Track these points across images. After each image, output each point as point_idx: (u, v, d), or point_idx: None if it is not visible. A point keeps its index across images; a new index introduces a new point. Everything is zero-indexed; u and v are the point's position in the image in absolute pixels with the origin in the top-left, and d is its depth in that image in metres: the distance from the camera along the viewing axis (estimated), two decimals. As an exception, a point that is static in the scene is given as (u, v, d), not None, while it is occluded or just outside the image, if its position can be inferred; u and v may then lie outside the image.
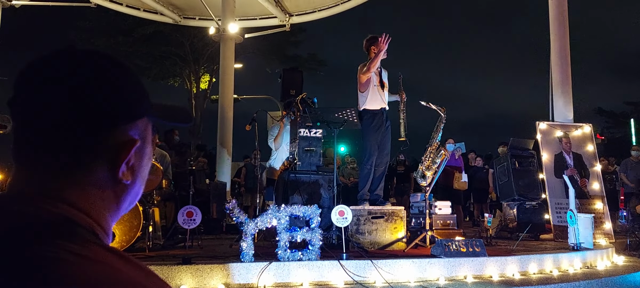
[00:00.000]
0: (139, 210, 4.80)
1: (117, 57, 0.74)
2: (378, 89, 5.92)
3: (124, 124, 0.71)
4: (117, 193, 0.73)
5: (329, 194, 5.51)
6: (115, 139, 0.70)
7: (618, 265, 6.28)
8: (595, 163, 8.31)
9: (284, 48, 26.03)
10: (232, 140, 11.14)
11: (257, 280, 3.92)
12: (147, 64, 24.99)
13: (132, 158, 0.72)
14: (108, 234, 0.72)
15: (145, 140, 0.75)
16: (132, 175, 0.73)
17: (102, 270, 0.59)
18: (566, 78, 8.78)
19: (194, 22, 13.24)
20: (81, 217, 0.66)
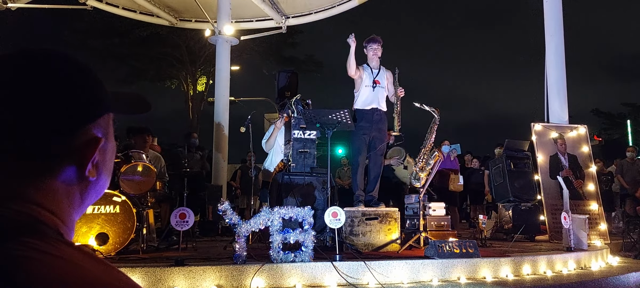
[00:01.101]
0: (132, 212, 4.79)
1: (74, 56, 0.73)
2: (370, 89, 5.93)
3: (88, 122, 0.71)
4: (83, 190, 0.73)
5: (323, 196, 5.51)
6: (80, 139, 0.70)
7: (613, 266, 6.29)
8: (590, 165, 8.33)
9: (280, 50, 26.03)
10: (228, 142, 11.11)
11: (250, 282, 3.92)
12: (143, 65, 24.98)
13: (97, 156, 0.73)
14: (72, 230, 0.72)
15: (108, 135, 0.76)
16: (97, 172, 0.74)
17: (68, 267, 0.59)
18: (561, 79, 8.80)
19: (190, 25, 13.21)
20: (47, 216, 0.67)
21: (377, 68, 6.05)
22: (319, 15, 12.82)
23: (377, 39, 6.09)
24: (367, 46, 6.07)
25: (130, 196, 5.04)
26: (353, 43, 5.83)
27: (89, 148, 0.71)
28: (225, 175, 11.25)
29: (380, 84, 5.99)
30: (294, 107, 5.84)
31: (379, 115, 5.95)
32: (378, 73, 6.02)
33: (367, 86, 5.96)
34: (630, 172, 9.62)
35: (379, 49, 6.05)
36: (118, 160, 5.25)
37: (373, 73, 6.01)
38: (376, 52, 6.01)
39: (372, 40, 6.06)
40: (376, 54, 6.02)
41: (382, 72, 6.06)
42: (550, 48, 8.90)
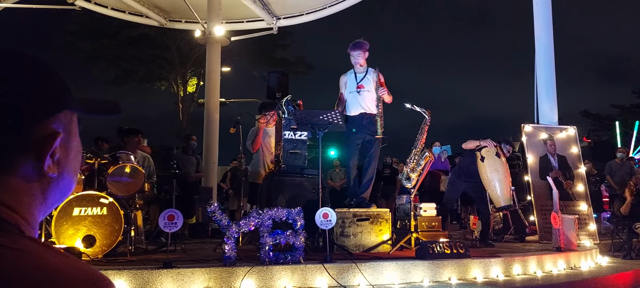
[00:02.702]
0: (120, 214, 4.73)
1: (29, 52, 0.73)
2: (355, 95, 5.91)
3: (45, 118, 0.70)
4: (44, 187, 0.72)
5: (314, 197, 5.47)
6: (37, 133, 0.69)
7: (602, 266, 6.31)
8: (579, 165, 8.37)
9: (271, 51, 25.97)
10: (218, 143, 11.05)
11: (240, 284, 3.88)
12: (132, 67, 24.80)
13: (57, 152, 0.72)
14: (35, 228, 0.72)
15: (70, 133, 0.75)
16: (58, 169, 0.73)
17: (28, 258, 0.60)
18: (551, 81, 8.85)
19: (180, 25, 13.12)
20: (6, 212, 0.66)
21: (363, 72, 6.00)
22: (309, 17, 12.80)
23: (359, 45, 5.99)
24: (351, 52, 6.02)
25: (118, 198, 4.98)
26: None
27: (46, 143, 0.70)
28: (216, 176, 11.19)
29: (365, 87, 5.93)
30: (284, 108, 5.80)
31: (368, 118, 5.91)
32: (363, 77, 5.97)
33: (351, 92, 5.96)
34: (619, 173, 9.68)
35: (360, 55, 5.96)
36: (105, 161, 5.20)
37: (357, 78, 5.97)
38: (357, 59, 5.96)
39: (353, 47, 5.99)
40: (357, 61, 5.97)
41: (368, 75, 5.98)
42: (540, 50, 8.94)
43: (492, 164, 6.43)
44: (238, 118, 6.37)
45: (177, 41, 22.85)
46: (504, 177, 6.41)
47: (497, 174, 6.39)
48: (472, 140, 6.75)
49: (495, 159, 6.44)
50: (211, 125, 11.00)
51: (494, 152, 6.46)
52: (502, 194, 6.39)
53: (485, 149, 6.47)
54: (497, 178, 6.39)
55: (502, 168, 6.43)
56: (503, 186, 6.38)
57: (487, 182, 6.47)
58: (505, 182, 6.41)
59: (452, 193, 7.17)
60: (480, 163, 6.50)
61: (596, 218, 9.29)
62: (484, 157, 6.45)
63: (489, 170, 6.43)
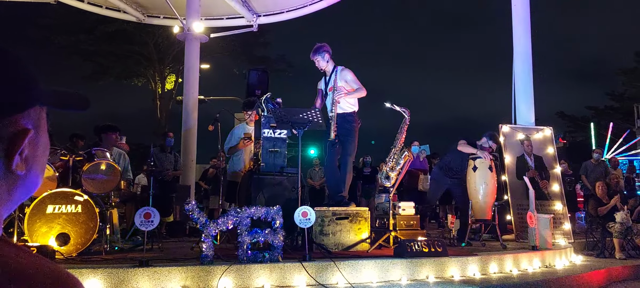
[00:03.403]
0: (95, 212, 4.65)
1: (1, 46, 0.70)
2: (327, 98, 5.89)
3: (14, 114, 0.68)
4: (10, 184, 0.70)
5: (293, 196, 5.45)
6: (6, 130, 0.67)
7: (576, 264, 6.43)
8: (555, 165, 8.51)
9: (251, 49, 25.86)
10: (196, 141, 10.95)
11: (217, 283, 3.84)
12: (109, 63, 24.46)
13: (26, 149, 0.69)
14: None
15: (39, 129, 0.73)
16: (26, 166, 0.70)
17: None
18: (528, 82, 8.98)
19: (158, 21, 12.96)
20: None
21: (329, 73, 5.95)
22: (290, 14, 12.77)
23: (316, 50, 5.90)
24: (312, 58, 5.97)
25: (93, 195, 4.90)
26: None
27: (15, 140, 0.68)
28: (194, 175, 11.09)
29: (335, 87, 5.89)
30: (264, 106, 5.76)
31: (342, 118, 5.88)
32: (330, 78, 5.93)
33: (325, 95, 5.95)
34: (594, 174, 9.87)
35: (318, 60, 5.87)
36: (80, 158, 5.10)
37: (326, 79, 5.96)
38: (318, 64, 5.91)
39: (312, 53, 5.89)
40: (319, 65, 5.93)
41: (336, 73, 5.92)
42: (518, 52, 9.06)
43: (482, 176, 6.49)
44: (217, 116, 6.31)
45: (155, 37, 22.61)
46: (490, 191, 6.47)
47: (484, 187, 6.46)
48: (469, 146, 6.78)
49: (487, 171, 6.51)
50: (190, 122, 10.90)
51: (487, 164, 6.52)
52: (483, 207, 6.45)
53: (480, 160, 6.53)
54: (483, 191, 6.45)
55: (491, 182, 6.49)
56: (487, 200, 6.45)
57: (473, 192, 6.52)
58: (490, 196, 6.47)
59: (437, 189, 7.17)
60: (472, 172, 6.56)
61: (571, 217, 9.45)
62: (477, 167, 6.51)
63: (479, 181, 6.49)
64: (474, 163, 6.52)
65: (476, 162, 6.51)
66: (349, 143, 5.85)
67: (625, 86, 31.00)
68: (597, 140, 24.15)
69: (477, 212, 6.51)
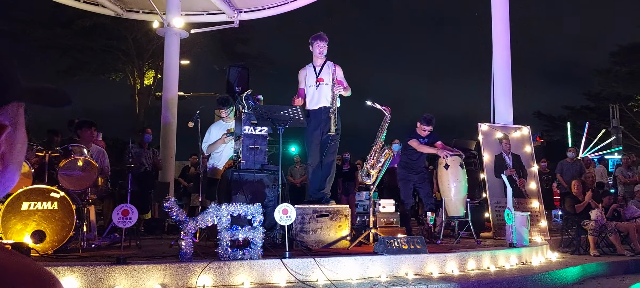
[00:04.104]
0: (71, 209, 4.57)
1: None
2: (314, 89, 5.88)
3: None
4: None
5: (273, 193, 5.44)
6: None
7: (552, 261, 6.54)
8: (532, 164, 8.64)
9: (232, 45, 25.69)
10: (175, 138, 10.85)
11: (196, 280, 3.81)
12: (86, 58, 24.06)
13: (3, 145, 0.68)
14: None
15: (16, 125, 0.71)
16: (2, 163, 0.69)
17: None
18: (507, 82, 9.09)
19: (137, 16, 12.77)
20: None
21: (320, 66, 5.97)
22: (271, 11, 12.72)
23: (323, 37, 5.97)
24: (313, 43, 5.96)
25: (70, 192, 4.82)
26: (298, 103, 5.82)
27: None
28: (173, 171, 10.99)
29: (324, 81, 5.89)
30: (244, 103, 5.73)
31: (327, 113, 5.89)
32: (320, 70, 5.94)
33: (311, 86, 5.90)
34: (570, 172, 10.05)
35: (325, 46, 5.93)
36: (57, 154, 5.01)
37: (316, 71, 5.94)
38: (322, 49, 5.91)
39: (318, 38, 5.94)
40: (322, 51, 5.92)
41: (326, 68, 5.94)
42: (497, 52, 9.17)
43: (455, 174, 6.55)
44: (197, 112, 6.25)
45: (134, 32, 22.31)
46: (462, 187, 6.53)
47: (457, 184, 6.52)
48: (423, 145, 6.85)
49: (459, 169, 6.57)
50: (169, 119, 10.79)
51: (459, 161, 6.58)
52: (456, 205, 6.51)
53: (451, 158, 6.59)
54: (455, 188, 6.50)
55: (463, 180, 6.56)
56: (459, 197, 6.51)
57: (446, 190, 6.57)
58: (462, 194, 6.54)
59: (407, 189, 7.21)
60: (444, 170, 6.61)
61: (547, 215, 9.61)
62: (449, 165, 6.56)
63: (452, 178, 6.54)
64: (445, 162, 6.58)
65: (447, 160, 6.57)
66: (338, 140, 5.89)
67: (601, 86, 31.63)
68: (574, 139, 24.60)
69: (450, 210, 6.57)
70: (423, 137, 6.97)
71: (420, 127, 6.98)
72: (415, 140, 6.96)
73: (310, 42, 5.97)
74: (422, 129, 6.95)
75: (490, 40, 9.28)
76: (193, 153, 11.37)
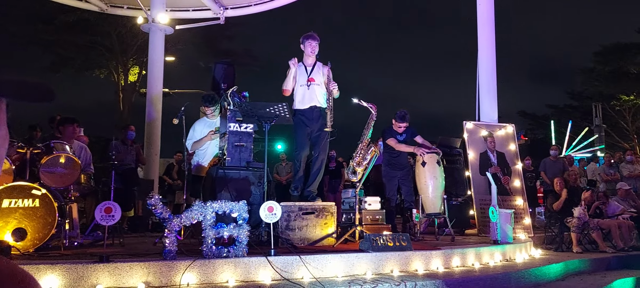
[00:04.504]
0: (53, 206, 4.51)
1: None
2: (305, 88, 5.88)
3: None
4: None
5: (259, 191, 5.41)
6: None
7: (535, 258, 6.61)
8: (516, 162, 8.71)
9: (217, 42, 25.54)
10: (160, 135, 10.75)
11: (180, 278, 3.77)
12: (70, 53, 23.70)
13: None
14: None
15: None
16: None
17: None
18: (492, 81, 9.16)
19: (122, 11, 12.61)
20: None
21: (312, 65, 5.98)
22: (257, 8, 12.67)
23: (315, 36, 6.01)
24: (304, 42, 5.98)
25: (52, 189, 4.74)
26: (293, 66, 5.82)
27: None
28: (157, 169, 10.89)
29: (315, 81, 5.91)
30: (230, 100, 5.69)
31: (318, 112, 5.90)
32: (312, 70, 5.95)
33: (302, 85, 5.90)
34: (553, 169, 10.16)
35: (316, 46, 5.97)
36: (38, 150, 4.93)
37: (307, 71, 5.94)
38: (314, 48, 5.95)
39: (311, 37, 5.98)
40: (314, 50, 5.95)
41: (317, 69, 5.97)
42: (482, 51, 9.23)
43: (432, 171, 6.57)
44: (182, 109, 6.19)
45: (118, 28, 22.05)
46: (439, 185, 6.56)
47: (434, 181, 6.54)
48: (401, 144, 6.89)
49: (435, 166, 6.59)
50: (153, 116, 10.69)
51: (436, 159, 6.61)
52: (434, 202, 6.54)
53: (428, 155, 6.61)
54: (432, 185, 6.53)
55: (440, 177, 6.58)
56: (437, 194, 6.54)
57: (423, 187, 6.59)
58: (439, 191, 6.57)
59: (392, 185, 7.22)
60: (421, 167, 6.63)
61: (531, 212, 9.72)
62: (426, 162, 6.59)
63: (429, 176, 6.56)
64: (422, 159, 6.61)
65: (425, 158, 6.60)
66: (326, 139, 5.90)
67: (584, 85, 32.03)
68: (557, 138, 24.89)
69: (427, 207, 6.60)
70: (400, 133, 7.01)
71: (395, 124, 7.03)
72: (393, 138, 7.00)
73: (302, 41, 5.97)
74: (397, 126, 7.00)
75: (475, 39, 9.34)
76: (178, 150, 11.29)
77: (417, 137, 7.02)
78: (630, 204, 9.27)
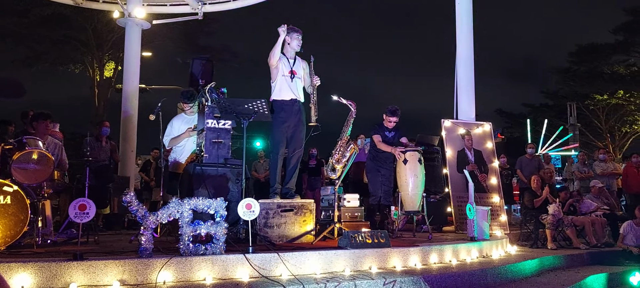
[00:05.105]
0: (25, 203, 4.40)
1: None
2: (287, 80, 5.84)
3: None
4: None
5: (237, 188, 5.37)
6: None
7: (511, 254, 6.69)
8: (493, 160, 8.81)
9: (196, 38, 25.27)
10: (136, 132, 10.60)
11: (156, 276, 3.72)
12: (44, 48, 23.18)
13: None
14: None
15: None
16: None
17: None
18: (470, 79, 9.24)
19: (97, 5, 12.37)
20: None
21: (293, 58, 5.97)
22: (237, 4, 12.56)
23: (298, 30, 5.99)
24: (291, 34, 5.93)
25: (24, 186, 4.63)
26: (283, 33, 5.75)
27: None
28: (133, 166, 10.74)
29: (297, 74, 5.90)
30: (207, 96, 5.63)
31: (298, 106, 5.88)
32: (294, 63, 5.94)
33: (285, 76, 5.85)
34: (529, 167, 10.31)
35: (300, 39, 5.95)
36: (10, 146, 4.80)
37: (289, 63, 5.92)
38: (299, 41, 5.92)
39: (295, 30, 5.95)
40: (300, 44, 5.92)
41: (298, 62, 5.97)
42: (460, 50, 9.30)
43: (413, 168, 6.60)
44: (159, 105, 6.09)
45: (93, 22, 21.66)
46: (419, 182, 6.60)
47: (414, 179, 6.57)
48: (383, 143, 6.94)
49: (416, 164, 6.63)
50: (129, 111, 10.53)
51: (417, 156, 6.65)
52: (413, 199, 6.58)
53: (410, 153, 6.64)
54: (413, 183, 6.56)
55: (420, 175, 6.62)
56: (416, 192, 6.58)
57: (403, 184, 6.62)
58: (419, 188, 6.61)
59: (376, 181, 7.21)
60: (402, 164, 6.66)
61: (507, 209, 9.85)
62: (407, 160, 6.62)
63: (409, 173, 6.59)
64: (404, 157, 6.64)
65: (406, 155, 6.64)
66: (304, 134, 5.87)
67: (559, 85, 32.55)
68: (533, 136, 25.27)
69: (407, 204, 6.63)
70: (389, 129, 7.05)
71: (386, 119, 7.06)
72: (378, 135, 7.04)
73: (289, 32, 5.89)
74: (387, 121, 7.04)
75: (453, 37, 9.42)
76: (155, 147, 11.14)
77: (402, 139, 7.07)
78: (604, 201, 9.47)
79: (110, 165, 8.40)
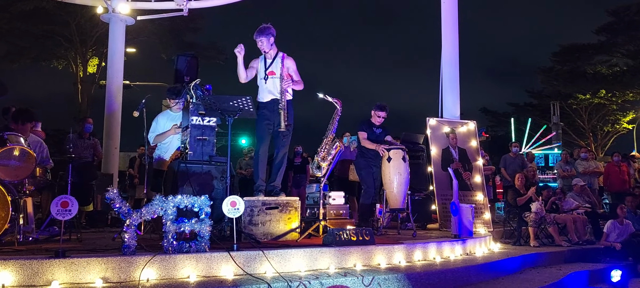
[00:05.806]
0: (6, 200, 4.33)
1: None
2: (262, 82, 5.80)
3: None
4: None
5: (221, 185, 5.34)
6: None
7: (494, 251, 6.76)
8: (477, 158, 8.89)
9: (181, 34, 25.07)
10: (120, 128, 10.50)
11: (140, 274, 3.69)
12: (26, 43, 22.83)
13: None
14: None
15: None
16: None
17: None
18: (455, 78, 9.30)
19: (81, 0, 12.24)
20: None
21: (272, 57, 5.87)
22: (222, 0, 12.48)
23: (263, 30, 5.79)
24: (255, 39, 5.85)
25: (5, 182, 4.56)
26: (239, 54, 5.64)
27: None
28: (117, 162, 10.64)
29: (275, 74, 5.81)
30: (192, 93, 5.59)
31: (278, 105, 5.81)
32: (271, 63, 5.85)
33: (262, 79, 5.83)
34: (513, 166, 10.42)
35: (264, 41, 5.76)
36: (-10, 142, 4.73)
37: (266, 64, 5.85)
38: (262, 45, 5.79)
39: (258, 33, 5.77)
40: (262, 47, 5.80)
41: (277, 60, 5.83)
42: (446, 49, 9.36)
43: (397, 166, 6.64)
44: (143, 101, 6.04)
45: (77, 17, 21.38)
46: (404, 180, 6.64)
47: (398, 177, 6.62)
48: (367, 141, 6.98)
49: (401, 162, 6.67)
50: (113, 108, 10.42)
51: (401, 154, 6.68)
52: (397, 197, 6.61)
53: (394, 151, 6.68)
54: (397, 181, 6.60)
55: (404, 173, 6.66)
56: (401, 190, 6.62)
57: (388, 182, 6.65)
58: (404, 186, 6.65)
59: (370, 177, 7.17)
60: (386, 162, 6.70)
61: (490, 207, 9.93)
62: (391, 158, 6.65)
63: (393, 171, 6.63)
64: (388, 155, 6.68)
65: (390, 153, 6.67)
66: (291, 133, 5.82)
67: (543, 84, 32.91)
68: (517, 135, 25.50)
69: (391, 202, 6.67)
70: (377, 125, 7.10)
71: (374, 115, 7.12)
72: (364, 132, 7.07)
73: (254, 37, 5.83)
74: (376, 116, 7.10)
75: (438, 36, 9.47)
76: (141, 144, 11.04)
77: (387, 137, 7.13)
78: (585, 200, 9.62)
79: (93, 162, 8.31)
